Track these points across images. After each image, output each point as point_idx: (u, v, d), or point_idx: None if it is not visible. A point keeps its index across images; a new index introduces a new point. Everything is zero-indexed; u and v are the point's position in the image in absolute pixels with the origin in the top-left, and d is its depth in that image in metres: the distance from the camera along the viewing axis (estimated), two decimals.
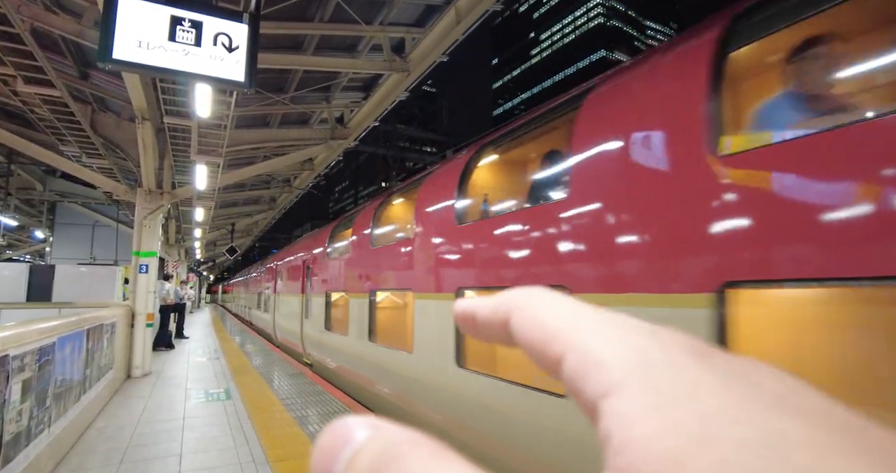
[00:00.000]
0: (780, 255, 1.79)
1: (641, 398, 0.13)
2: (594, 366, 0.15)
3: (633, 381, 0.14)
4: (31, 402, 2.78)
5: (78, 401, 4.04)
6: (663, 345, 0.15)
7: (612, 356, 0.15)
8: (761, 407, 0.12)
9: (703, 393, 0.13)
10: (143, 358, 7.36)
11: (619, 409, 0.13)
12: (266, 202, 18.83)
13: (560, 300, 0.18)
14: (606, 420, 0.13)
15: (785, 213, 1.78)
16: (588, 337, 0.15)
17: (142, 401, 5.70)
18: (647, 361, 0.14)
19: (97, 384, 4.92)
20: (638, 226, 2.38)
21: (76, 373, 3.93)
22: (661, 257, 2.23)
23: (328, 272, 7.89)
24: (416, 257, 4.59)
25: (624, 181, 2.44)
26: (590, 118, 2.76)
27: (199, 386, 6.66)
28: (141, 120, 6.28)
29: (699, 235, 2.07)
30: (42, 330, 2.94)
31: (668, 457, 0.11)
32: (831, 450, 0.11)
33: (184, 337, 12.82)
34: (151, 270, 7.62)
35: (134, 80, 5.16)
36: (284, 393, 6.15)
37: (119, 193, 7.94)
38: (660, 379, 0.13)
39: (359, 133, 9.94)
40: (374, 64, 7.09)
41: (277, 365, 8.66)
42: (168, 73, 2.74)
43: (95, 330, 4.70)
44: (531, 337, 0.17)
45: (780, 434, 0.12)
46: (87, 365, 4.36)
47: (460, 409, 3.72)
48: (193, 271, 28.90)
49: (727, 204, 1.98)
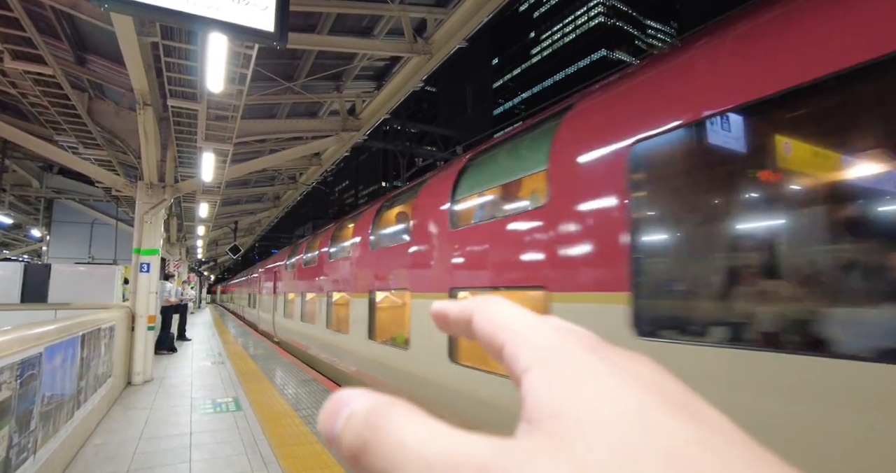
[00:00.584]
0: (467, 276, 4.18)
1: (543, 373, 0.19)
2: (519, 353, 0.21)
3: (540, 363, 0.20)
4: (9, 428, 2.27)
5: (71, 418, 3.51)
6: (568, 339, 0.21)
7: (531, 345, 0.21)
8: (627, 385, 0.18)
9: (586, 371, 0.19)
10: (144, 364, 6.83)
11: (529, 381, 0.19)
12: (270, 200, 18.31)
13: (507, 306, 0.24)
14: (523, 388, 0.19)
15: (470, 255, 4.12)
16: (518, 332, 0.22)
17: (143, 413, 5.17)
18: (553, 349, 0.20)
19: (94, 396, 4.39)
20: (423, 257, 5.04)
21: (68, 386, 3.40)
22: (431, 273, 4.76)
23: (285, 280, 12.64)
24: (327, 273, 8.70)
25: (426, 236, 4.96)
26: (420, 206, 5.26)
27: (205, 394, 6.13)
28: (142, 105, 5.75)
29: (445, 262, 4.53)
30: (25, 339, 2.42)
31: (553, 408, 0.18)
32: (677, 415, 0.17)
33: (186, 339, 12.31)
34: (153, 269, 7.10)
35: (135, 59, 4.63)
36: (298, 402, 5.63)
37: (119, 187, 7.41)
38: (559, 361, 0.20)
39: (371, 124, 9.42)
40: (394, 45, 6.57)
41: (286, 369, 8.14)
42: (175, 18, 2.20)
43: (92, 336, 4.16)
44: (485, 331, 0.23)
45: (643, 406, 0.17)
46: (82, 376, 3.83)
47: (350, 355, 6.90)
48: (194, 271, 28.38)
49: (455, 249, 4.35)
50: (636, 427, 0.16)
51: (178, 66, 4.30)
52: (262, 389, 6.48)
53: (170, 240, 14.75)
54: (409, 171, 15.29)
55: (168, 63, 4.25)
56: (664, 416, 0.17)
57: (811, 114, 2.18)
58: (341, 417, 0.19)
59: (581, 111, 3.21)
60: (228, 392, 6.28)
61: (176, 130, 6.12)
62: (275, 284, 14.04)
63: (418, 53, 6.58)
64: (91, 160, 7.80)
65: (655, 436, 0.16)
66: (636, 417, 0.17)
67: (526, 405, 0.19)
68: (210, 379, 7.14)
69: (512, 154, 4.24)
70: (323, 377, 7.47)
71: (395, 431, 0.17)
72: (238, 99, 4.38)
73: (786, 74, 2.03)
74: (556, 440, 0.16)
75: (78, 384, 3.70)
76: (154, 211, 7.16)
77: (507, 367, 0.22)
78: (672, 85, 2.56)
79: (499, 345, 0.22)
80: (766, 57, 2.14)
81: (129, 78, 5.29)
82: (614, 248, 2.64)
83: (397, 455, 0.17)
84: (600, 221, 2.78)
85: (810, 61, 1.95)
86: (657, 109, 2.56)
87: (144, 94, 5.60)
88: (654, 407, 0.17)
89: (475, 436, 0.17)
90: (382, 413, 0.18)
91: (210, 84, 3.85)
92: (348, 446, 0.18)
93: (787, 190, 2.22)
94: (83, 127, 6.38)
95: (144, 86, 5.38)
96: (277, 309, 13.22)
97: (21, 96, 5.79)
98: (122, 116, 7.50)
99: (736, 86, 2.21)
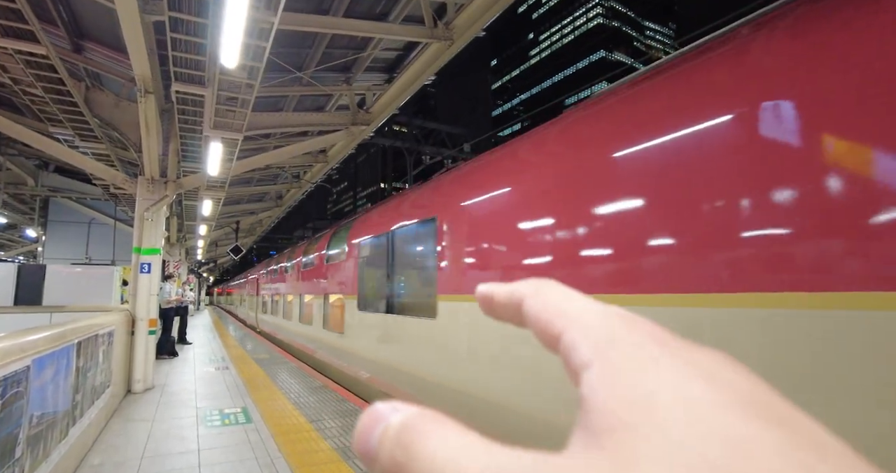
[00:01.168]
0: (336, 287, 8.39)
1: (606, 371, 0.17)
2: (579, 344, 0.18)
3: (604, 358, 0.17)
4: None
5: (65, 437, 3.08)
6: (634, 330, 0.18)
7: (593, 336, 0.18)
8: (709, 390, 0.15)
9: (658, 371, 0.16)
10: (145, 370, 6.40)
11: (589, 379, 0.17)
12: (272, 199, 17.88)
13: (564, 290, 0.22)
14: (582, 387, 0.17)
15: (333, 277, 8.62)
16: (578, 320, 0.19)
17: (145, 426, 4.73)
18: (619, 342, 0.18)
19: (91, 409, 3.95)
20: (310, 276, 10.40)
21: (62, 402, 2.97)
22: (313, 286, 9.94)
23: (261, 286, 17.57)
24: (284, 282, 13.23)
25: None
26: (314, 249, 10.33)
27: (211, 403, 5.69)
28: (144, 93, 5.32)
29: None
30: (7, 352, 1.99)
31: (618, 419, 0.15)
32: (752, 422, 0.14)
33: (187, 343, 11.86)
34: (154, 270, 6.66)
35: (137, 41, 4.21)
36: (313, 413, 5.20)
37: (118, 183, 6.97)
38: (625, 357, 0.17)
39: (382, 118, 9.01)
40: (413, 30, 6.16)
41: (294, 374, 7.70)
42: None
43: (88, 343, 3.73)
44: (538, 318, 0.21)
45: (730, 418, 0.14)
46: (78, 389, 3.39)
47: (300, 339, 10.86)
48: (194, 272, 27.90)
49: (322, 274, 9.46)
50: (723, 448, 0.14)
51: (185, 44, 3.87)
52: (271, 397, 6.05)
53: (170, 241, 14.30)
54: (417, 170, 14.87)
55: (175, 40, 3.83)
56: (755, 430, 0.14)
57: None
58: (375, 435, 0.18)
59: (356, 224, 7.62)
60: (236, 401, 5.84)
61: (180, 120, 5.70)
62: (257, 289, 18.83)
63: (439, 39, 6.17)
64: (88, 154, 7.36)
65: (747, 459, 0.13)
66: (722, 432, 0.14)
67: (585, 408, 0.16)
68: (215, 387, 6.70)
69: (339, 236, 8.43)
70: (334, 383, 7.05)
71: (427, 451, 0.16)
72: (254, 77, 3.95)
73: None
74: (618, 461, 0.14)
75: (73, 398, 3.26)
76: (155, 207, 6.72)
77: (564, 359, 0.19)
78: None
79: (555, 334, 0.20)
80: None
81: (130, 65, 4.89)
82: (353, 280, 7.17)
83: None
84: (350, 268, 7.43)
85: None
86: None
87: (146, 81, 5.18)
88: (742, 419, 0.14)
89: (517, 452, 0.15)
90: (414, 429, 0.17)
91: (224, 58, 3.43)
92: (382, 468, 0.17)
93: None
94: (80, 117, 5.96)
95: (147, 71, 4.95)
96: (258, 307, 18.14)
97: (13, 83, 5.36)
98: (122, 108, 7.08)
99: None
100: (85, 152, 7.47)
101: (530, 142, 3.57)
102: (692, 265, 2.17)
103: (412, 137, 15.30)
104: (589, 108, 3.05)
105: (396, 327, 5.42)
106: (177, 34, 3.74)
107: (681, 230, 2.24)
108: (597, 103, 3.00)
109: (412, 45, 7.42)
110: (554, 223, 3.00)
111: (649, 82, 2.63)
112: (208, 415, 5.15)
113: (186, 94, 4.75)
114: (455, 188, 4.54)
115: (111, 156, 8.02)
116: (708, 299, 2.09)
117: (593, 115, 2.96)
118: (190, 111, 5.38)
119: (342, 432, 4.50)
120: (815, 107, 1.83)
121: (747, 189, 2.00)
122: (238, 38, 3.19)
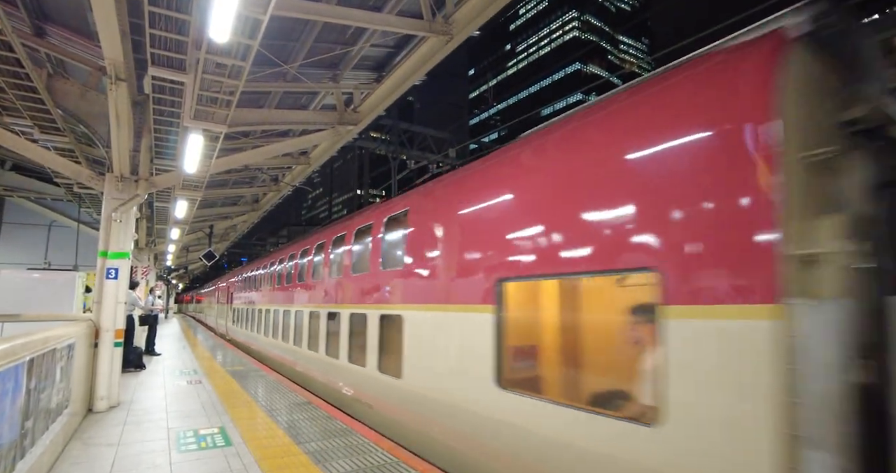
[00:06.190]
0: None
1: None
2: None
3: None
4: None
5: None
6: None
7: None
8: None
9: None
10: (109, 386, 5.79)
11: None
12: (248, 203, 17.18)
13: None
14: None
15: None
16: None
17: (109, 452, 4.17)
18: None
19: (45, 435, 3.41)
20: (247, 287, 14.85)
21: (7, 433, 2.47)
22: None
23: (232, 296, 18.24)
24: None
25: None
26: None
27: (184, 423, 5.14)
28: (115, 80, 4.80)
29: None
30: None
31: None
32: None
33: (155, 354, 11.09)
34: (122, 275, 6.08)
35: (108, 19, 3.73)
36: (299, 434, 4.73)
37: (83, 180, 6.36)
38: None
39: (371, 118, 8.63)
40: (410, 22, 5.82)
41: (274, 389, 7.17)
42: None
43: (42, 359, 3.21)
44: None
45: None
46: (28, 415, 2.87)
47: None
48: (162, 279, 26.71)
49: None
50: None
51: (165, 20, 3.43)
52: (250, 415, 5.54)
53: (138, 245, 13.50)
54: (401, 174, 14.48)
55: (153, 15, 3.38)
56: None
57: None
58: None
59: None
60: (213, 420, 5.31)
61: (155, 111, 5.20)
62: (229, 297, 20.13)
63: (437, 33, 5.85)
64: (50, 148, 6.74)
65: None
66: None
67: None
68: (188, 403, 6.13)
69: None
70: (318, 399, 6.56)
71: None
72: (244, 57, 3.52)
73: None
74: None
75: (22, 425, 2.75)
76: (125, 208, 6.15)
77: None
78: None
79: None
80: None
81: (99, 51, 4.41)
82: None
83: None
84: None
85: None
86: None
87: (118, 66, 4.67)
88: None
89: None
90: None
91: (214, 30, 3.01)
92: None
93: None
94: (41, 105, 5.39)
95: (119, 55, 4.46)
96: (222, 315, 20.43)
97: None
98: (89, 99, 6.49)
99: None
100: (46, 146, 6.84)
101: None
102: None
103: (396, 142, 14.92)
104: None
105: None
106: (156, 8, 3.30)
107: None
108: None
109: (403, 42, 7.09)
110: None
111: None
112: (182, 437, 4.62)
113: (164, 81, 4.29)
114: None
115: (75, 151, 7.40)
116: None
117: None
118: (167, 101, 4.90)
119: (336, 455, 4.06)
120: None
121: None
122: (232, 3, 2.77)
